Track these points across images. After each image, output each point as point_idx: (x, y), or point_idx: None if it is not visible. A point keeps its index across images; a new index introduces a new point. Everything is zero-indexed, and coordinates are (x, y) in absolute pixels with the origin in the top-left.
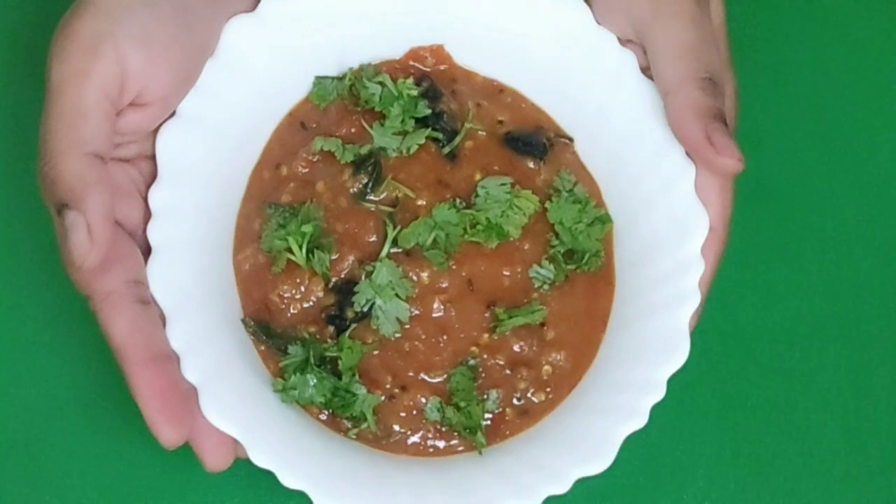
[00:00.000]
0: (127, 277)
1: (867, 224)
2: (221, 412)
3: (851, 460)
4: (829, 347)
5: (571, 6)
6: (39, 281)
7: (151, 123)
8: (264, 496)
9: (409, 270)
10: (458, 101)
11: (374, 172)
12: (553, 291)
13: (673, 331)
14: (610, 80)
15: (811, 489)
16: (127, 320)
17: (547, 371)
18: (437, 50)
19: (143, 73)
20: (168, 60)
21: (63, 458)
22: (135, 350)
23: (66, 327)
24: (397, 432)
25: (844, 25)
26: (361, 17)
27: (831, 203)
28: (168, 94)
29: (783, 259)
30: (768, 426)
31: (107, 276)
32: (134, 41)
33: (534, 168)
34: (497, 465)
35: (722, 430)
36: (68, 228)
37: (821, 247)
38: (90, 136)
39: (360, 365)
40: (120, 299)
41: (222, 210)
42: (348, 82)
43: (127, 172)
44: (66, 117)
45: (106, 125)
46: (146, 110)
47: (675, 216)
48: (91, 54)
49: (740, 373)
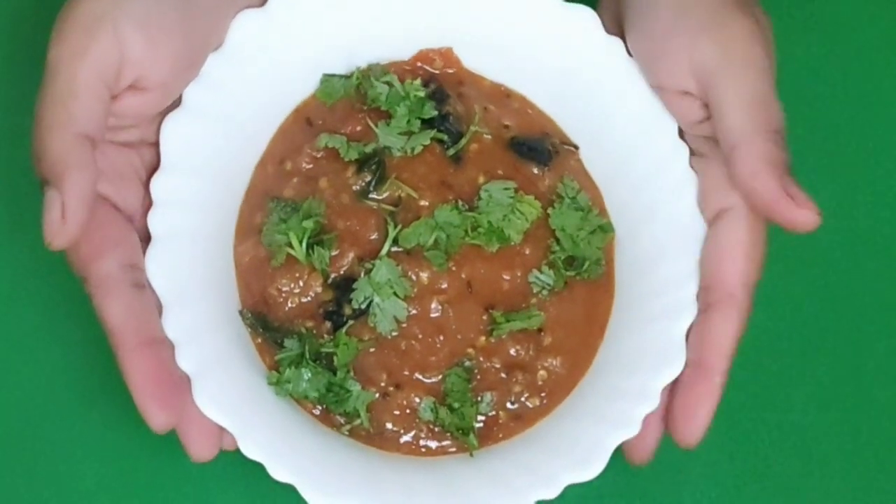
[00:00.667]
0: (122, 261)
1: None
2: (214, 402)
3: (850, 459)
4: (828, 346)
5: (580, 15)
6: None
7: (152, 109)
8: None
9: (409, 270)
10: (464, 104)
11: (378, 171)
12: (552, 297)
13: (669, 341)
14: (617, 89)
15: (810, 489)
16: (121, 304)
17: (542, 376)
18: (446, 53)
19: (142, 57)
20: (169, 46)
21: (59, 448)
22: (128, 334)
23: (64, 317)
24: (390, 430)
25: (844, 25)
26: (371, 17)
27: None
28: (168, 80)
29: (782, 258)
30: (767, 425)
31: (103, 259)
32: (135, 25)
33: (538, 174)
34: (488, 468)
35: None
36: (44, 206)
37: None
38: (80, 116)
39: (356, 362)
40: (115, 283)
41: (224, 202)
42: (356, 81)
43: (128, 157)
44: (59, 96)
45: (98, 107)
46: (146, 95)
47: (676, 227)
48: (89, 35)
49: (738, 371)
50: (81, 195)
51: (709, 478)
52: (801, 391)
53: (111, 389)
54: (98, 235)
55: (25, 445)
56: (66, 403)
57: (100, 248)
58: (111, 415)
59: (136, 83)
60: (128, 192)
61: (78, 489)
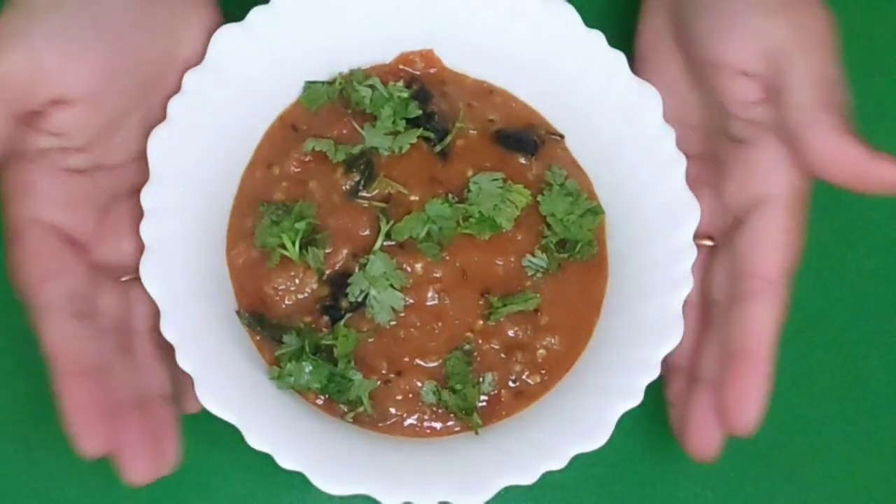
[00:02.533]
0: (65, 290)
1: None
2: (217, 399)
3: (851, 449)
4: (830, 337)
5: (559, 8)
6: None
7: (88, 122)
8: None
9: (403, 262)
10: (448, 102)
11: (367, 170)
12: (546, 279)
13: (666, 313)
14: (600, 79)
15: (811, 479)
16: (60, 332)
17: (542, 354)
18: (427, 54)
19: (59, 70)
20: (88, 59)
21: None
22: (64, 362)
23: None
24: (393, 415)
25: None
26: (351, 23)
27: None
28: (95, 90)
29: None
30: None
31: (44, 286)
32: (48, 39)
33: (525, 164)
34: (495, 444)
35: None
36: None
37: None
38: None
39: (356, 352)
40: (55, 311)
41: (214, 209)
42: (339, 86)
43: (79, 183)
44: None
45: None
46: (76, 107)
47: (666, 206)
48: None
49: None
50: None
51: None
52: (802, 381)
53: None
54: (42, 262)
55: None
56: None
57: (42, 275)
58: None
59: (61, 97)
60: (80, 218)
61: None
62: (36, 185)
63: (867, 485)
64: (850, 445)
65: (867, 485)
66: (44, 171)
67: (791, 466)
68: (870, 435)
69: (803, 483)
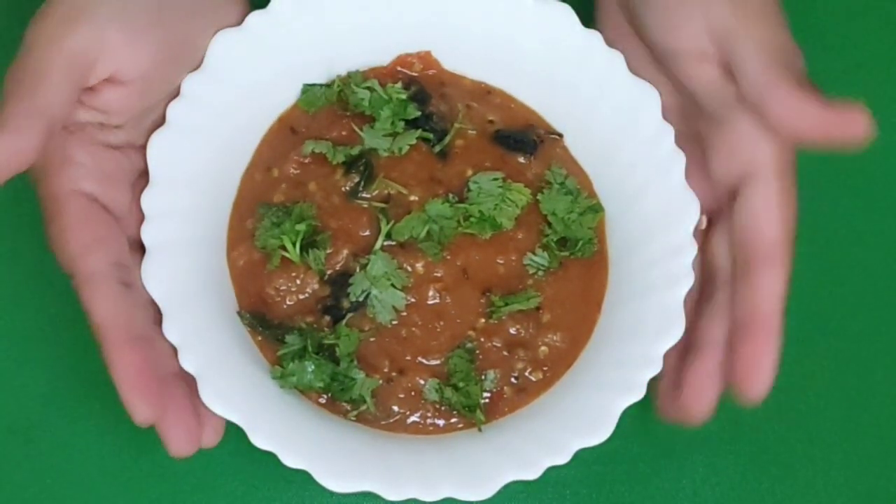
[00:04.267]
0: (110, 258)
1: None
2: (220, 399)
3: (851, 446)
4: (830, 334)
5: (556, 9)
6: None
7: (133, 103)
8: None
9: (404, 262)
10: (447, 103)
11: (366, 171)
12: (547, 277)
13: (667, 308)
14: (598, 78)
15: (811, 475)
16: (108, 300)
17: (543, 351)
18: (425, 56)
19: (120, 49)
20: (146, 41)
21: (62, 442)
22: (115, 330)
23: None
24: (396, 412)
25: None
26: (348, 25)
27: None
28: (147, 73)
29: None
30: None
31: (90, 256)
32: (113, 18)
33: (524, 163)
34: (498, 440)
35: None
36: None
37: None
38: (44, 95)
39: (358, 351)
40: (102, 279)
41: (215, 211)
42: (337, 88)
43: (116, 159)
44: (27, 72)
45: (64, 90)
46: (125, 88)
47: (666, 202)
48: (66, 23)
49: None
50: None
51: (709, 464)
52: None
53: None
54: (85, 232)
55: (29, 444)
56: (68, 402)
57: (87, 244)
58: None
59: (114, 76)
60: (116, 193)
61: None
62: (76, 157)
63: (867, 484)
64: (850, 445)
65: (867, 484)
66: (83, 144)
67: (791, 466)
68: (870, 435)
69: (803, 483)
